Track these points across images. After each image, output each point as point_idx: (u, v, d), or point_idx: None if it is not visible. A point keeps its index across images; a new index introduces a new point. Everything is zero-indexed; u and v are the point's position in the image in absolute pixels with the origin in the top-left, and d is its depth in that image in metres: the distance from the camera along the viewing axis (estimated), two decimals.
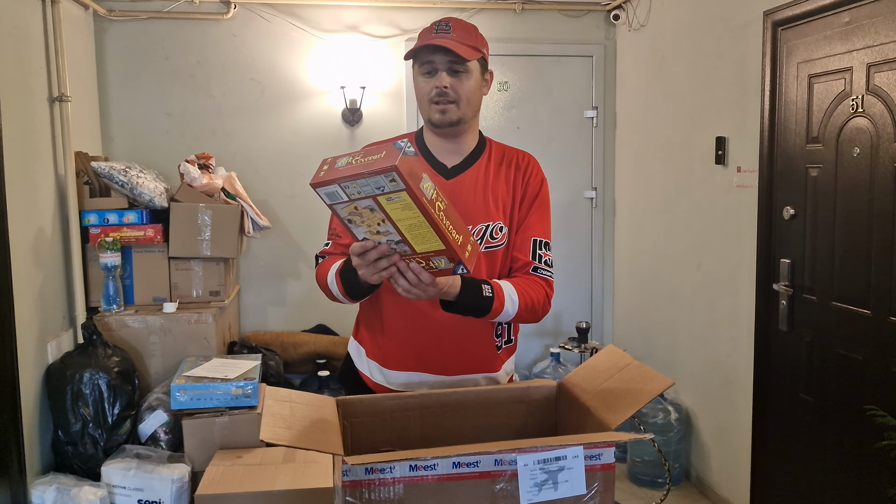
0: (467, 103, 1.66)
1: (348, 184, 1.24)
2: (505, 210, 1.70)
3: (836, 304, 2.59)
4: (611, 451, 1.29)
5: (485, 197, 1.70)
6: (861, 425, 2.47)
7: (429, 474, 1.23)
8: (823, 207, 2.64)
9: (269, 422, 1.26)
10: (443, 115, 1.65)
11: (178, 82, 3.99)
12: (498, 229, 1.68)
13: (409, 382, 1.71)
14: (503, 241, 1.69)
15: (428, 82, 1.65)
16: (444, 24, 1.65)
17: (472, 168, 1.72)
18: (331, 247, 1.74)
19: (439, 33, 1.63)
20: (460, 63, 1.62)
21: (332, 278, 1.64)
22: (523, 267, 1.70)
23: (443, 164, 1.72)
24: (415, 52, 1.65)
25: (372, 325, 1.78)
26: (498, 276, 1.70)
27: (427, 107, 1.67)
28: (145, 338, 3.27)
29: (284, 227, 4.15)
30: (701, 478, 3.56)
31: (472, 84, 1.65)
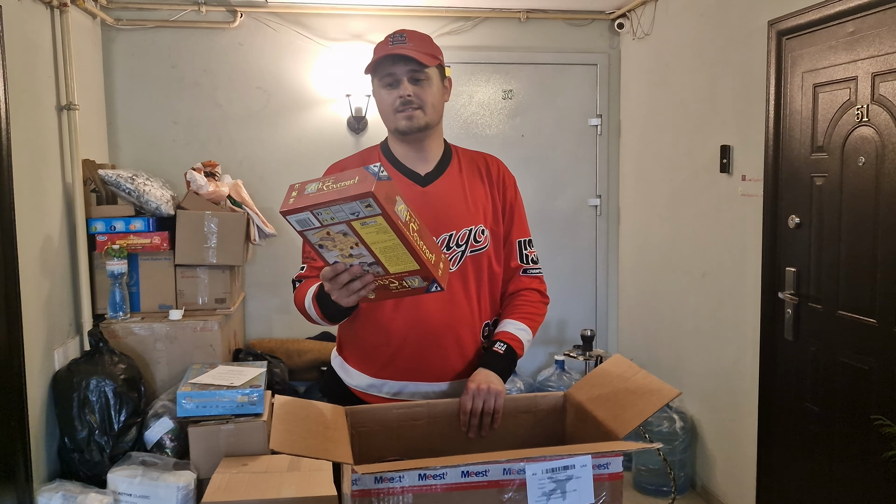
0: (432, 108, 1.69)
1: (321, 210, 1.24)
2: (486, 214, 1.73)
3: (842, 314, 2.60)
4: (618, 461, 1.30)
5: (465, 201, 1.72)
6: (868, 435, 2.47)
7: (437, 483, 1.23)
8: (829, 216, 2.65)
9: (279, 431, 1.26)
10: (410, 122, 1.67)
11: (184, 90, 4.01)
12: (480, 233, 1.71)
13: (403, 392, 1.70)
14: (486, 244, 1.72)
15: (391, 93, 1.67)
16: (398, 35, 1.67)
17: (446, 174, 1.75)
18: (306, 270, 1.75)
19: (396, 44, 1.65)
20: (420, 70, 1.64)
21: (310, 303, 1.65)
22: (515, 271, 1.79)
23: (415, 172, 1.74)
24: (374, 65, 1.67)
25: (359, 338, 1.76)
26: (485, 279, 1.73)
27: (392, 116, 1.69)
28: (151, 345, 3.28)
29: (289, 235, 4.15)
30: (706, 487, 3.55)
31: (433, 90, 1.68)
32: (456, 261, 1.68)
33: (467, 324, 1.70)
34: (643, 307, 4.19)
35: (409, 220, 1.29)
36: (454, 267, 1.67)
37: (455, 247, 1.68)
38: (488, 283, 1.73)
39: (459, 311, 1.68)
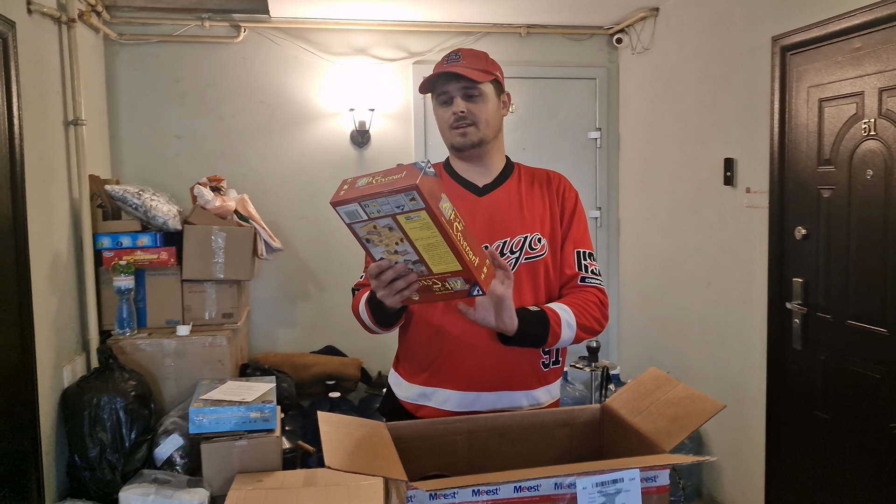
0: (486, 124, 1.70)
1: (368, 202, 1.26)
2: (543, 223, 1.73)
3: (851, 323, 2.64)
4: (666, 474, 1.31)
5: (521, 210, 1.73)
6: (879, 442, 2.51)
7: (491, 499, 1.24)
8: (837, 228, 2.69)
9: (332, 448, 1.27)
10: (464, 138, 1.69)
11: (188, 105, 4.01)
12: (536, 240, 1.70)
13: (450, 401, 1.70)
14: (543, 252, 1.70)
15: (446, 111, 1.69)
16: (453, 54, 1.70)
17: (504, 185, 1.76)
18: (365, 279, 1.76)
19: (450, 63, 1.68)
20: (473, 87, 1.66)
21: (363, 307, 1.67)
22: (571, 279, 1.73)
23: (474, 183, 1.76)
24: (430, 84, 1.70)
25: (409, 347, 1.79)
26: (542, 287, 1.71)
27: (448, 133, 1.71)
28: (160, 361, 3.26)
29: (294, 249, 4.16)
30: (713, 495, 3.58)
31: (488, 106, 1.69)
32: (511, 266, 1.68)
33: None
34: (645, 318, 4.23)
35: (454, 220, 1.30)
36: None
37: (509, 253, 1.68)
38: (545, 291, 1.71)
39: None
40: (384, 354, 4.26)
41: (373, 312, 1.63)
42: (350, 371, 4.04)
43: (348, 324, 4.18)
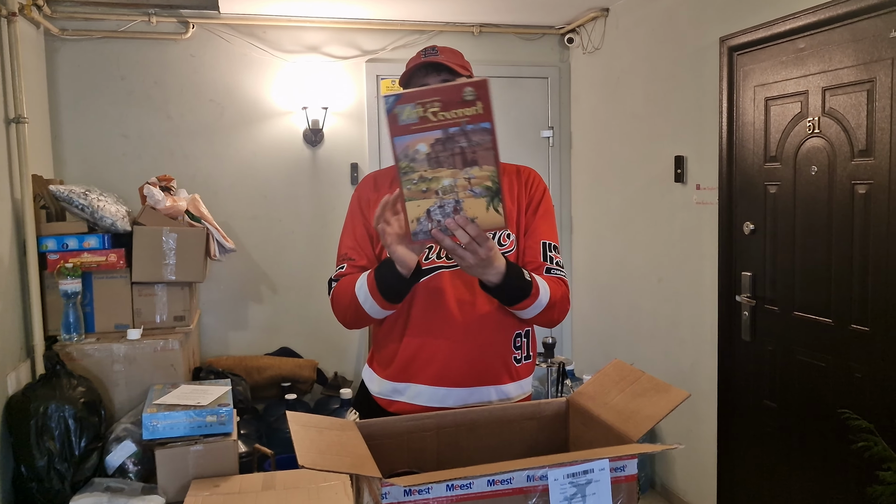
0: None
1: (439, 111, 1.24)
2: (510, 218, 1.73)
3: (798, 314, 2.73)
4: (634, 463, 1.34)
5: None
6: (825, 429, 2.60)
7: (465, 493, 1.24)
8: (783, 222, 2.79)
9: (304, 447, 1.25)
10: None
11: (134, 103, 3.91)
12: (505, 236, 1.71)
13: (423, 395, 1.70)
14: (511, 248, 1.72)
15: None
16: (430, 49, 1.70)
17: None
18: (346, 269, 1.72)
19: (428, 55, 1.68)
20: (453, 78, 1.65)
21: (363, 285, 1.61)
22: (536, 270, 1.71)
23: None
24: (408, 76, 1.69)
25: (383, 343, 1.77)
26: None
27: None
28: (109, 366, 3.17)
29: (246, 250, 4.09)
30: (666, 486, 3.66)
31: None
32: None
33: (493, 327, 1.70)
34: (598, 313, 4.29)
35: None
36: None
37: None
38: None
39: (482, 312, 1.68)
40: (340, 355, 4.24)
41: (380, 285, 1.56)
42: (305, 373, 4.00)
43: (303, 325, 4.17)
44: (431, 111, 1.25)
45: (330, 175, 4.18)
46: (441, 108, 1.24)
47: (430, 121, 1.25)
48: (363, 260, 1.72)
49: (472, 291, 1.68)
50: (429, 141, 1.26)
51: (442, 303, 1.67)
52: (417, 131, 1.26)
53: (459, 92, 1.24)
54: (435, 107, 1.25)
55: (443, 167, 1.28)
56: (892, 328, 2.34)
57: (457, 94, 1.24)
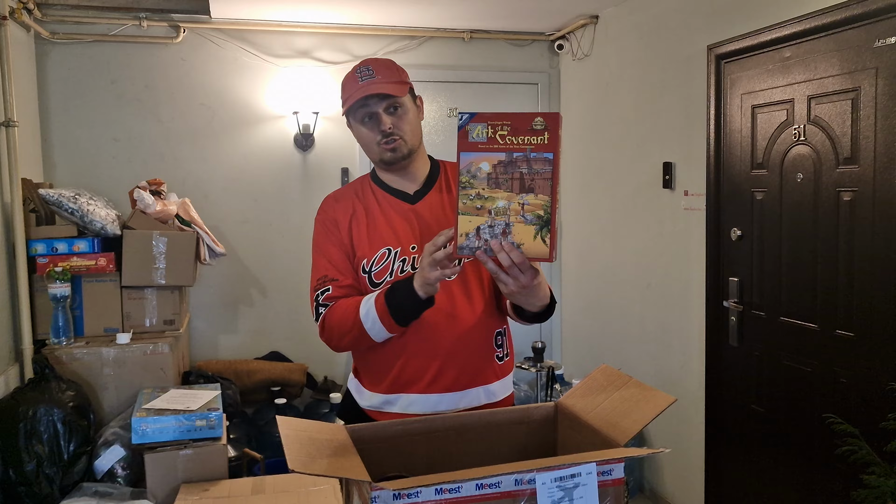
0: (412, 135, 1.73)
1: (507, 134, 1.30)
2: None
3: (784, 320, 2.76)
4: (621, 467, 1.35)
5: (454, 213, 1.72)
6: (812, 433, 2.63)
7: (453, 497, 1.26)
8: (769, 229, 2.82)
9: (294, 451, 1.26)
10: (394, 153, 1.71)
11: (124, 107, 3.90)
12: None
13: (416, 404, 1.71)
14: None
15: (371, 129, 1.69)
16: (365, 69, 1.68)
17: (434, 189, 1.79)
18: (333, 291, 1.72)
19: (365, 80, 1.66)
20: (394, 100, 1.68)
21: (370, 309, 1.61)
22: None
23: (405, 192, 1.78)
24: (349, 105, 1.68)
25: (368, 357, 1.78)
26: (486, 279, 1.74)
27: (376, 150, 1.72)
28: (98, 370, 3.16)
29: (236, 254, 4.09)
30: (655, 490, 3.68)
31: (410, 116, 1.72)
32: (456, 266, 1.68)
33: (477, 331, 1.71)
34: (587, 318, 4.32)
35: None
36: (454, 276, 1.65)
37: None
38: (491, 285, 1.73)
39: (465, 319, 1.69)
40: (330, 359, 4.24)
41: (394, 307, 1.58)
42: (295, 377, 4.00)
43: (293, 329, 4.17)
44: (500, 133, 1.31)
45: (320, 179, 4.19)
46: (510, 132, 1.31)
47: (497, 143, 1.31)
48: (348, 279, 1.73)
49: (451, 300, 1.69)
50: (492, 161, 1.31)
51: (425, 317, 1.65)
52: (484, 150, 1.32)
53: (530, 120, 1.30)
54: (504, 130, 1.31)
55: (500, 189, 1.32)
56: (876, 334, 2.37)
57: (527, 122, 1.30)
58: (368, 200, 1.79)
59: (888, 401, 2.23)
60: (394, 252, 1.72)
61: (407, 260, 1.71)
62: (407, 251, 1.72)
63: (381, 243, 1.73)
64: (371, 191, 1.81)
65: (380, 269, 1.72)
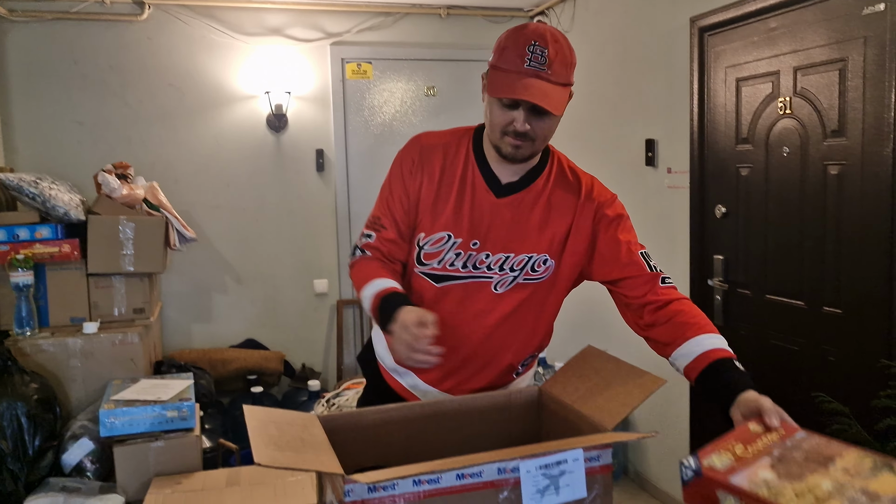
0: (544, 139, 1.50)
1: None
2: (553, 241, 1.57)
3: (770, 298, 2.71)
4: (609, 453, 1.28)
5: (534, 225, 1.56)
6: (799, 413, 2.57)
7: (433, 488, 1.18)
8: (755, 205, 2.75)
9: (260, 443, 1.17)
10: (515, 151, 1.48)
11: (88, 88, 3.75)
12: (542, 262, 1.57)
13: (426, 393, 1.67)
14: (544, 275, 1.58)
15: (504, 113, 1.44)
16: (539, 50, 1.38)
17: (527, 190, 1.56)
18: (375, 240, 1.60)
19: (533, 65, 1.38)
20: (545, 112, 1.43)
21: (368, 298, 1.52)
22: (648, 283, 1.54)
23: (497, 177, 1.56)
24: (493, 80, 1.43)
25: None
26: (533, 308, 1.61)
27: (498, 135, 1.47)
28: (64, 362, 3.04)
29: (208, 240, 3.97)
30: (639, 472, 3.64)
31: (554, 121, 1.47)
32: (506, 283, 1.57)
33: (509, 349, 1.63)
34: (570, 299, 4.22)
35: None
36: (503, 289, 1.57)
37: (509, 271, 1.56)
38: (536, 314, 1.62)
39: (503, 335, 1.61)
40: (308, 347, 4.15)
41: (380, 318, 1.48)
42: (272, 365, 3.90)
43: (269, 316, 4.07)
44: (738, 450, 1.13)
45: (295, 161, 4.07)
46: (744, 443, 1.14)
47: (745, 458, 1.10)
48: (392, 232, 1.60)
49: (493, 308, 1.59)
50: (765, 467, 1.07)
51: (458, 321, 1.58)
52: (742, 468, 1.07)
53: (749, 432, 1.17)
54: (739, 446, 1.14)
55: (806, 476, 1.03)
56: (864, 310, 2.32)
57: (750, 437, 1.16)
58: (456, 168, 1.57)
59: (878, 378, 2.18)
60: (453, 241, 1.56)
61: (462, 255, 1.56)
62: (467, 245, 1.55)
63: (443, 226, 1.56)
64: (465, 158, 1.57)
65: (432, 252, 1.58)
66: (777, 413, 1.23)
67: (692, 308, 1.50)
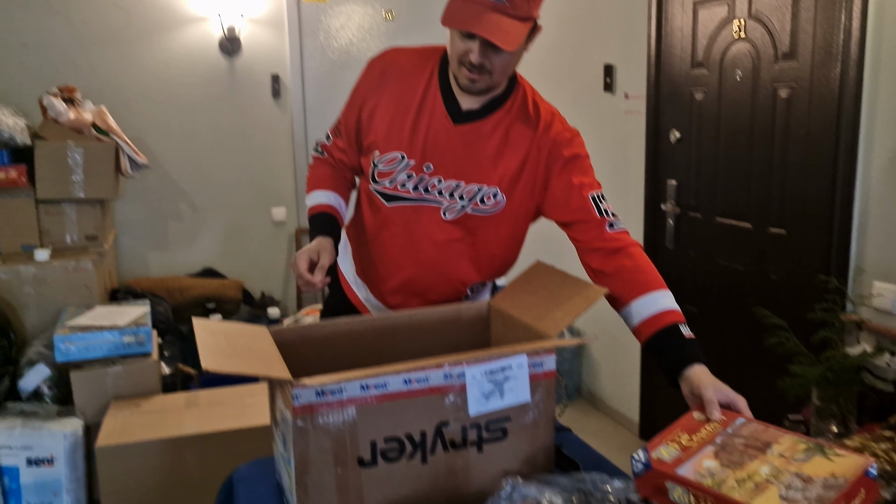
0: (503, 73, 1.47)
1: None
2: (505, 175, 1.55)
3: (719, 220, 2.78)
4: (552, 359, 1.33)
5: (488, 156, 1.54)
6: (742, 329, 2.69)
7: (380, 393, 1.21)
8: (708, 129, 2.79)
9: (208, 351, 1.19)
10: (471, 84, 1.46)
11: (31, 8, 3.58)
12: (491, 195, 1.57)
13: (372, 302, 1.73)
14: (493, 209, 1.58)
15: (462, 43, 1.41)
16: None
17: (487, 119, 1.54)
18: (330, 144, 1.71)
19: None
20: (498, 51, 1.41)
21: (307, 207, 1.69)
22: (596, 228, 1.54)
23: (458, 103, 1.54)
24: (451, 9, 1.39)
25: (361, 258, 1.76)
26: (479, 239, 1.62)
27: (456, 65, 1.46)
28: (17, 289, 3.00)
29: (161, 167, 3.89)
30: (593, 392, 3.77)
31: (513, 56, 1.45)
32: (454, 211, 1.58)
33: (455, 275, 1.67)
34: None
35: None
36: (451, 216, 1.59)
37: (458, 199, 1.57)
38: (482, 245, 1.64)
39: (449, 260, 1.64)
40: (266, 274, 4.15)
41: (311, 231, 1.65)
42: (231, 293, 3.90)
43: (227, 244, 4.04)
44: (683, 440, 1.14)
45: (250, 87, 3.97)
46: (689, 433, 1.16)
47: (691, 448, 1.11)
48: (344, 140, 1.68)
49: (439, 233, 1.61)
50: (709, 456, 1.08)
51: (412, 242, 1.63)
52: (688, 458, 1.08)
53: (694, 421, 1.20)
54: (684, 436, 1.15)
55: (746, 462, 1.05)
56: (806, 230, 2.39)
57: (695, 425, 1.18)
58: (417, 89, 1.55)
59: (816, 294, 2.27)
60: (406, 161, 1.56)
61: (414, 177, 1.56)
62: (420, 168, 1.55)
63: (397, 145, 1.56)
64: (428, 80, 1.56)
65: (385, 171, 1.58)
66: (716, 405, 1.24)
67: (640, 260, 1.50)
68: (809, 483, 0.98)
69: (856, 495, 0.98)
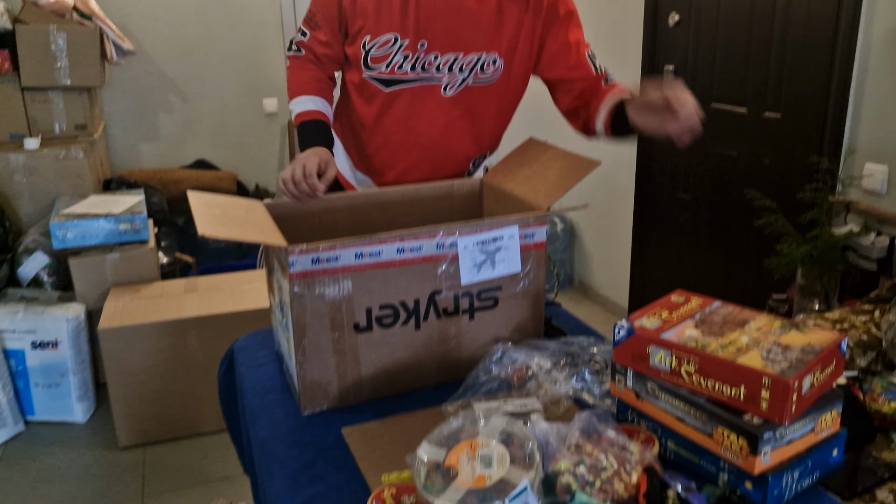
0: None
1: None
2: (504, 38, 1.54)
3: (715, 106, 2.75)
4: (543, 231, 1.35)
5: (488, 21, 1.52)
6: (732, 212, 2.72)
7: (374, 261, 1.24)
8: (707, 11, 2.72)
9: (205, 219, 1.20)
10: None
11: None
12: (491, 62, 1.55)
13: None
14: (494, 77, 1.57)
15: None
16: None
17: None
18: (308, 39, 1.60)
19: None
20: None
21: (293, 114, 1.60)
22: (594, 84, 1.57)
23: None
24: None
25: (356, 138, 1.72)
26: (480, 111, 1.62)
27: None
28: (8, 177, 2.99)
29: (148, 55, 3.80)
30: (584, 282, 3.84)
31: None
32: (455, 86, 1.56)
33: (459, 150, 1.66)
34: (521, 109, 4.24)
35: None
36: (452, 92, 1.56)
37: (458, 72, 1.54)
38: (487, 115, 1.63)
39: (454, 137, 1.63)
40: (260, 167, 4.13)
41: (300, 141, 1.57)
42: (225, 185, 3.89)
43: (219, 136, 4.00)
44: (664, 315, 1.15)
45: None
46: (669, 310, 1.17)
47: (671, 321, 1.13)
48: (325, 32, 1.58)
49: (442, 110, 1.59)
50: (690, 327, 1.11)
51: (412, 122, 1.61)
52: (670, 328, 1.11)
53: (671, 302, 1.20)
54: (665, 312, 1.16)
55: (727, 333, 1.09)
56: (801, 112, 2.38)
57: (673, 305, 1.18)
58: None
59: (808, 175, 2.28)
60: (400, 42, 1.52)
61: (410, 57, 1.53)
62: (415, 47, 1.52)
63: (388, 27, 1.51)
64: None
65: (379, 56, 1.54)
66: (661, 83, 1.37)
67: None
68: (788, 350, 1.02)
69: (830, 363, 1.03)
